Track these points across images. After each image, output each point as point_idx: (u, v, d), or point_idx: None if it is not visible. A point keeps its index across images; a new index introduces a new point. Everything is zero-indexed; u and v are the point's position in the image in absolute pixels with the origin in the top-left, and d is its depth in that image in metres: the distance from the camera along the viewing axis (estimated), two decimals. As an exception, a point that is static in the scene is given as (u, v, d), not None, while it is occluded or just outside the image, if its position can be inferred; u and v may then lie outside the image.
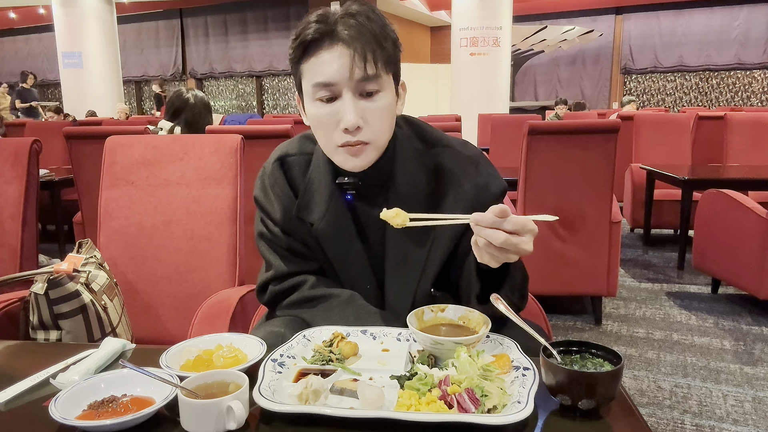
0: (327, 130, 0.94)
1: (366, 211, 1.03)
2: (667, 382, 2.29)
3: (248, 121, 5.34)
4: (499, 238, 0.77)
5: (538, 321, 1.26)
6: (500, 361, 0.80)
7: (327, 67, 0.91)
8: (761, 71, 12.09)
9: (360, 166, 0.97)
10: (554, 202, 2.72)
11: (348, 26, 0.91)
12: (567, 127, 2.69)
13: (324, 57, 0.91)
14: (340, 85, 0.91)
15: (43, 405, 0.75)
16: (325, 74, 0.91)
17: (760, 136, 4.16)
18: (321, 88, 0.92)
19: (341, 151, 0.95)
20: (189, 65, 15.50)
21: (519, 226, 0.78)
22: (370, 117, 0.93)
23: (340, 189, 1.02)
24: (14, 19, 14.44)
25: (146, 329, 1.62)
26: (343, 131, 0.93)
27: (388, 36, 0.94)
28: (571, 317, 3.01)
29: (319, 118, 0.94)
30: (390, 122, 0.97)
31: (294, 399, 0.74)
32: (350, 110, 0.91)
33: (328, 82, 0.91)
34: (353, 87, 0.91)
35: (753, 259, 2.79)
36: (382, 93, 0.94)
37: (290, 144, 1.10)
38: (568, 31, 11.59)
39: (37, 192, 1.98)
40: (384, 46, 0.93)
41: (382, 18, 0.95)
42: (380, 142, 0.97)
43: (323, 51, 0.91)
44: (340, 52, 0.90)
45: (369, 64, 0.90)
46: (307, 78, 0.94)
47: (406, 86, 1.04)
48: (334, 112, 0.93)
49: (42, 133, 4.76)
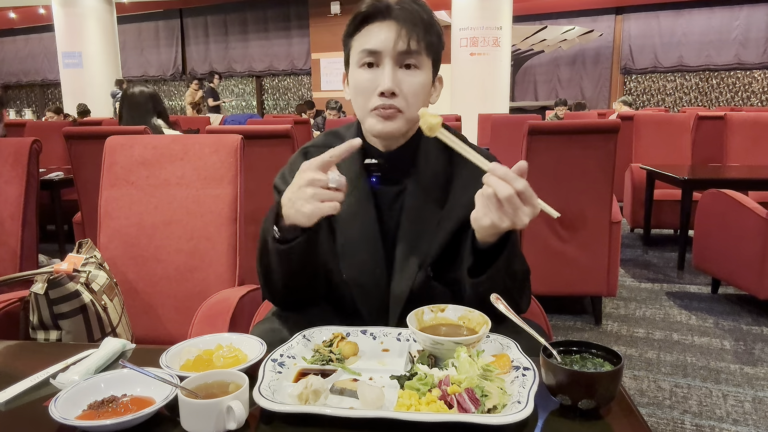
0: (365, 94, 1.01)
1: (387, 195, 1.07)
2: (667, 382, 2.29)
3: (248, 121, 5.35)
4: (505, 191, 0.81)
5: (538, 321, 1.26)
6: (500, 361, 0.80)
7: (374, 37, 0.99)
8: (761, 71, 12.09)
9: (389, 131, 1.01)
10: (554, 202, 2.68)
11: (401, 8, 1.00)
12: (567, 127, 2.69)
13: (374, 29, 1.00)
14: (383, 54, 0.99)
15: (43, 405, 0.75)
16: (372, 42, 0.99)
17: (760, 136, 4.16)
18: (366, 54, 1.00)
19: (373, 114, 1.01)
20: (189, 65, 15.49)
21: (528, 192, 0.82)
22: (405, 87, 1.00)
23: (365, 171, 1.07)
24: (14, 19, 14.45)
25: (146, 329, 1.62)
26: (378, 95, 0.99)
27: (434, 26, 1.03)
28: (571, 317, 3.01)
29: (360, 82, 1.01)
30: (423, 101, 1.03)
31: (294, 399, 0.74)
32: (388, 76, 0.98)
33: (373, 49, 0.99)
34: (395, 57, 0.99)
35: (753, 259, 2.79)
36: (420, 70, 1.01)
37: (316, 138, 1.16)
38: (568, 31, 11.59)
39: (37, 192, 1.98)
40: (430, 32, 1.01)
41: (432, 12, 1.03)
42: (411, 114, 1.01)
43: (374, 24, 1.00)
44: (389, 26, 0.99)
45: (413, 41, 0.99)
46: (355, 47, 1.02)
47: (443, 81, 1.10)
48: (373, 78, 1.00)
49: (42, 133, 4.75)
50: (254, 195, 1.93)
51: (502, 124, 4.87)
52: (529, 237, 2.72)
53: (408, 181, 1.06)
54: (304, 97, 14.15)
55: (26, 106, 16.66)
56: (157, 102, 3.20)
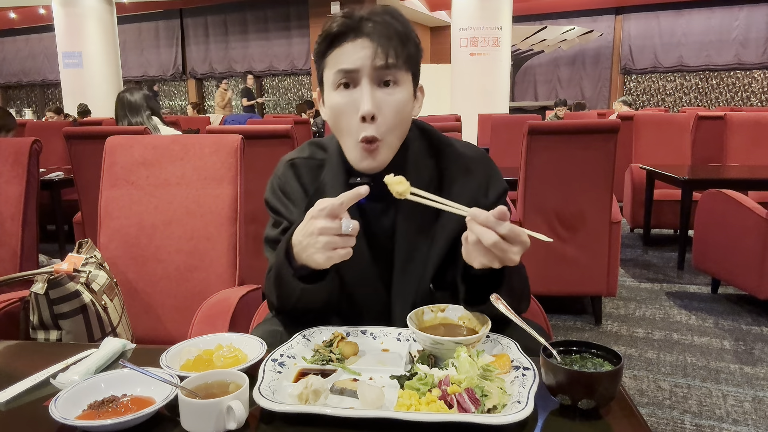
0: (345, 118, 0.96)
1: (376, 213, 1.03)
2: (667, 382, 2.29)
3: (248, 121, 5.35)
4: (489, 239, 0.79)
5: (538, 321, 1.26)
6: (500, 361, 0.80)
7: (349, 56, 0.94)
8: (761, 71, 12.09)
9: (373, 168, 0.98)
10: (554, 202, 2.72)
11: (373, 22, 0.94)
12: (567, 127, 2.69)
13: (348, 48, 0.94)
14: (360, 72, 0.94)
15: (43, 405, 0.75)
16: (347, 62, 0.94)
17: (760, 136, 4.16)
18: (342, 74, 0.95)
19: (358, 149, 0.96)
20: (189, 65, 15.49)
21: (513, 234, 0.79)
22: (386, 108, 0.95)
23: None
24: (14, 19, 14.44)
25: (146, 329, 1.62)
26: (360, 120, 0.94)
27: (411, 37, 0.97)
28: (571, 317, 3.01)
29: (338, 105, 0.96)
30: (404, 119, 0.99)
31: (294, 399, 0.74)
32: (367, 97, 0.93)
33: (349, 69, 0.94)
34: (372, 75, 0.94)
35: (753, 259, 2.79)
36: (399, 87, 0.96)
37: (300, 150, 1.12)
38: (568, 31, 11.59)
39: (37, 192, 1.98)
40: (407, 44, 0.96)
41: (407, 21, 0.99)
42: (392, 139, 0.98)
43: (348, 43, 0.94)
44: (363, 44, 0.93)
45: (390, 56, 0.93)
46: (329, 68, 0.97)
47: (424, 90, 1.06)
48: (352, 101, 0.95)
49: (42, 133, 4.76)
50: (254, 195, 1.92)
51: (502, 124, 4.87)
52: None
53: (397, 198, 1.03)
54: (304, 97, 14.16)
55: (26, 106, 16.67)
56: (151, 101, 3.30)
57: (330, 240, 0.83)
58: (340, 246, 0.83)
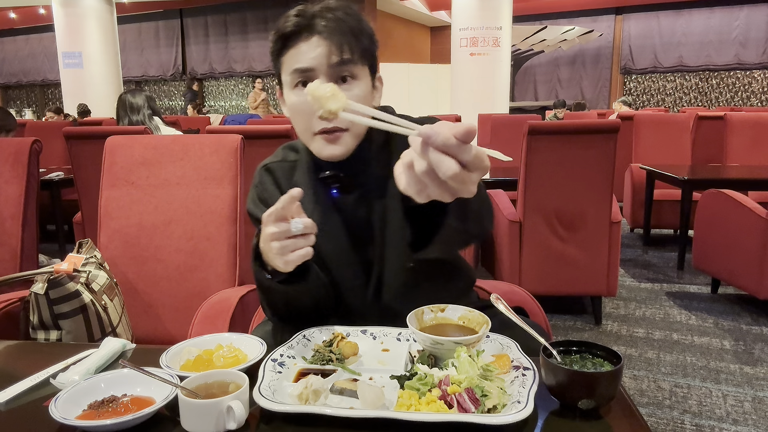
0: (304, 116, 0.96)
1: (351, 205, 1.03)
2: (667, 382, 2.29)
3: (248, 121, 5.35)
4: (449, 169, 0.57)
5: (538, 321, 1.26)
6: (500, 361, 0.80)
7: (304, 55, 0.94)
8: (761, 71, 12.09)
9: (337, 155, 0.97)
10: (554, 202, 2.72)
11: (326, 19, 0.94)
12: (567, 127, 2.69)
13: (302, 47, 0.94)
14: (317, 71, 0.94)
15: (43, 405, 0.75)
16: (303, 61, 0.94)
17: (760, 136, 4.16)
18: (299, 74, 0.95)
19: (318, 139, 0.97)
20: (189, 65, 15.49)
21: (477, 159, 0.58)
22: None
23: (324, 185, 1.03)
24: (14, 19, 14.43)
25: (146, 329, 1.62)
26: (319, 117, 0.92)
27: (364, 30, 0.98)
28: (571, 317, 3.01)
29: (297, 105, 0.96)
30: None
31: (294, 399, 0.74)
32: None
33: (305, 68, 0.94)
34: (329, 73, 0.94)
35: (753, 259, 2.79)
36: (357, 81, 0.97)
37: (274, 155, 1.13)
38: (568, 31, 11.59)
39: (37, 192, 1.98)
40: (360, 38, 0.96)
41: (359, 14, 0.99)
42: (358, 129, 0.98)
43: (302, 42, 0.95)
44: (317, 42, 0.94)
45: (345, 52, 0.94)
46: (286, 68, 0.97)
47: (383, 80, 1.07)
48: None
49: (42, 133, 4.76)
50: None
51: (502, 124, 4.87)
52: (529, 237, 2.73)
53: (369, 184, 1.03)
54: (304, 97, 14.13)
55: (26, 106, 16.67)
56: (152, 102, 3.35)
57: (282, 244, 0.82)
58: (295, 247, 0.82)
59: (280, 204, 0.81)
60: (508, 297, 0.99)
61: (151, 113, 3.28)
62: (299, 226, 0.81)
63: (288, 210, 0.81)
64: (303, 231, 0.82)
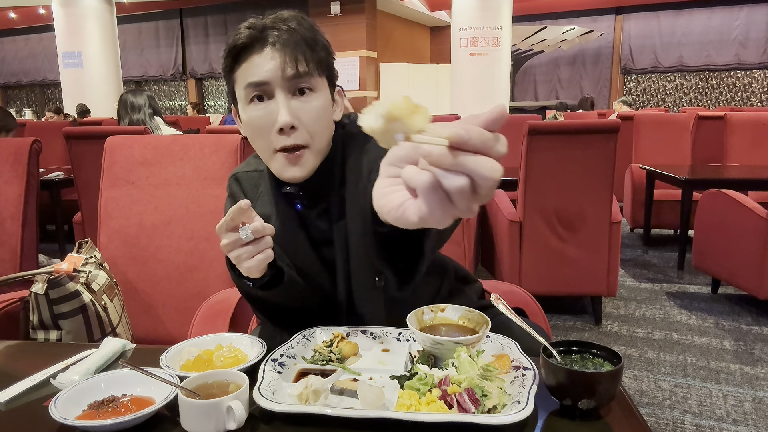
0: (262, 133, 0.92)
1: (312, 219, 1.00)
2: (667, 382, 2.29)
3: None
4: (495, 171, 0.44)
5: (538, 321, 1.26)
6: (500, 361, 0.80)
7: (258, 68, 0.90)
8: (761, 71, 12.08)
9: (298, 177, 0.93)
10: (554, 202, 2.72)
11: (279, 30, 0.91)
12: (567, 127, 2.69)
13: (255, 60, 0.90)
14: (272, 84, 0.90)
15: (43, 405, 0.75)
16: (256, 74, 0.90)
17: (760, 136, 4.16)
18: (254, 88, 0.91)
19: (279, 158, 0.92)
20: (189, 65, 15.49)
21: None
22: (305, 116, 0.91)
23: (286, 200, 1.00)
24: (14, 19, 14.43)
25: (146, 329, 1.62)
26: (278, 133, 0.90)
27: (318, 41, 0.94)
28: (571, 317, 3.01)
29: (253, 120, 0.92)
30: (326, 124, 0.95)
31: (294, 399, 0.74)
32: (283, 108, 0.89)
33: (260, 82, 0.90)
34: (286, 86, 0.90)
35: (753, 259, 2.79)
36: (315, 93, 0.93)
37: (246, 163, 1.11)
38: (568, 31, 11.59)
39: (37, 192, 1.98)
40: (315, 49, 0.93)
41: (313, 25, 0.95)
42: (319, 146, 0.94)
43: (255, 55, 0.90)
44: (271, 54, 0.90)
45: (300, 63, 0.90)
46: (240, 82, 0.93)
47: (343, 93, 1.03)
48: (268, 113, 0.91)
49: (42, 133, 4.76)
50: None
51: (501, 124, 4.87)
52: (529, 237, 2.73)
53: (332, 197, 0.99)
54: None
55: (26, 106, 16.66)
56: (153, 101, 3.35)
57: (238, 253, 0.81)
58: (251, 254, 0.81)
59: (229, 215, 0.79)
60: (508, 297, 0.99)
61: (152, 113, 3.28)
62: (247, 233, 0.80)
63: (238, 220, 0.79)
64: (253, 237, 0.80)
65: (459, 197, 0.44)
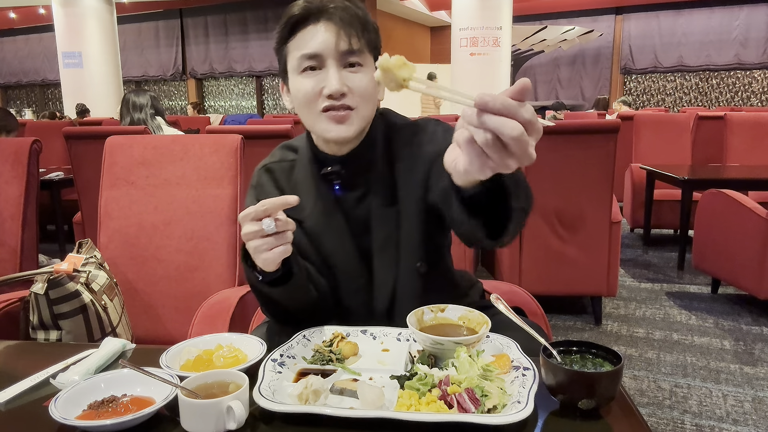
0: (311, 101, 0.95)
1: (352, 203, 1.03)
2: (667, 382, 2.29)
3: (248, 121, 5.35)
4: (514, 130, 0.55)
5: (538, 321, 1.26)
6: (500, 361, 0.80)
7: (312, 40, 0.94)
8: (761, 71, 12.08)
9: (344, 136, 0.96)
10: (554, 202, 2.72)
11: (335, 6, 0.94)
12: (567, 127, 2.69)
13: (310, 31, 0.94)
14: (325, 56, 0.93)
15: (43, 405, 0.75)
16: (311, 46, 0.94)
17: (760, 136, 4.16)
18: (306, 59, 0.94)
19: (324, 118, 0.95)
20: (189, 65, 15.49)
21: (534, 118, 0.58)
22: (354, 86, 0.95)
23: (325, 181, 1.03)
24: (14, 19, 14.43)
25: (146, 329, 1.62)
26: (326, 98, 0.94)
27: (370, 21, 0.98)
28: (571, 317, 3.01)
29: (304, 89, 0.95)
30: (373, 97, 0.98)
31: (294, 399, 0.74)
32: (334, 77, 0.93)
33: (313, 53, 0.94)
34: (338, 58, 0.94)
35: (753, 259, 2.79)
36: (365, 69, 0.96)
37: (272, 155, 1.12)
38: (568, 31, 11.59)
39: (37, 192, 1.98)
40: (367, 28, 0.97)
41: (364, 8, 0.99)
42: (365, 112, 0.97)
43: (310, 26, 0.94)
44: (326, 27, 0.94)
45: (354, 39, 0.94)
46: (292, 54, 0.96)
47: None
48: (318, 82, 0.94)
49: (42, 133, 4.76)
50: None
51: (502, 124, 4.87)
52: (530, 237, 2.72)
53: (372, 181, 1.02)
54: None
55: (26, 106, 16.65)
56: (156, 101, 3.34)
57: (258, 243, 0.81)
58: (271, 246, 0.81)
59: (262, 206, 0.79)
60: (508, 297, 0.99)
61: (154, 113, 3.28)
62: (271, 224, 0.80)
63: (270, 212, 0.80)
64: (276, 230, 0.80)
65: (490, 150, 0.57)
